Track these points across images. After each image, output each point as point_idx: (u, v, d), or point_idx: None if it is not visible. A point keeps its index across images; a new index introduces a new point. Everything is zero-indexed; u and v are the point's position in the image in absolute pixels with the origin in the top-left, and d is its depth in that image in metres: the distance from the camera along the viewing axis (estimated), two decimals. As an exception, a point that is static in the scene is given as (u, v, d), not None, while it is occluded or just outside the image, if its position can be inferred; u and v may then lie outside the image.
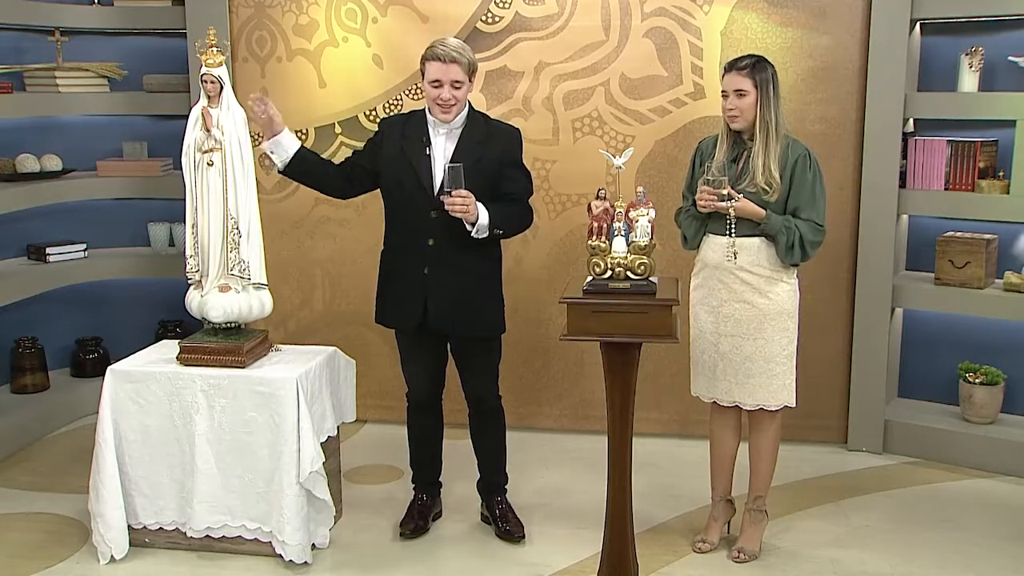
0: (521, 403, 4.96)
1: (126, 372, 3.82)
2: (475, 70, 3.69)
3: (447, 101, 3.61)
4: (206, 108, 3.75)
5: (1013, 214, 4.55)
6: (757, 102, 3.59)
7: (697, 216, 3.71)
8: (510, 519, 3.99)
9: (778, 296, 3.68)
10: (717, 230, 3.68)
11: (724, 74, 3.67)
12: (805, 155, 3.65)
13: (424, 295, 3.72)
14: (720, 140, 3.71)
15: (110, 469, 3.76)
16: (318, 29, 5.09)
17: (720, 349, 3.73)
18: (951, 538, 4.02)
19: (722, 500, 3.94)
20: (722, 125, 3.71)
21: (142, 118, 5.70)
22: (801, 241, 3.60)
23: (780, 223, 3.59)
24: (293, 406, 3.69)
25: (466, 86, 3.65)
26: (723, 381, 3.74)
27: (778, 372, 3.71)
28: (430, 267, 3.71)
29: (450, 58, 3.58)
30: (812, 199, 3.64)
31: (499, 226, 3.65)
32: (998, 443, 4.65)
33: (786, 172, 3.61)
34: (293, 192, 5.21)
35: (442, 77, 3.59)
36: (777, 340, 3.69)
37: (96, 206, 5.62)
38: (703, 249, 3.76)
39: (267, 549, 3.79)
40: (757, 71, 3.60)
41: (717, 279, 3.70)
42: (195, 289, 3.89)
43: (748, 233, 3.63)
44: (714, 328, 3.73)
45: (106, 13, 5.41)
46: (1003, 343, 4.87)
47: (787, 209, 3.64)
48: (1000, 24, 4.68)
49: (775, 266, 3.66)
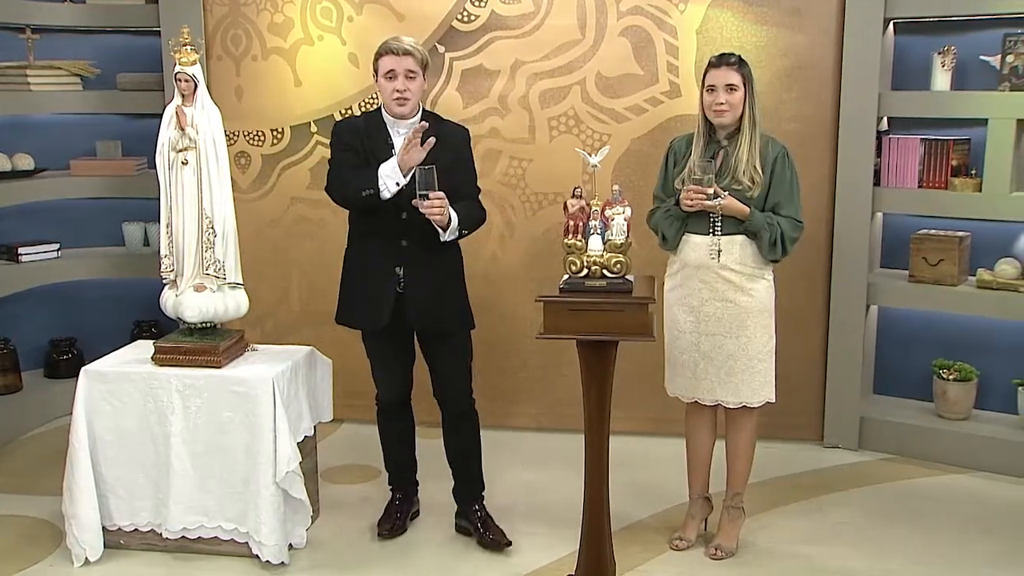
0: (497, 402, 4.96)
1: (100, 373, 3.80)
2: (427, 65, 3.71)
3: (403, 92, 3.61)
4: (180, 107, 3.73)
5: (985, 212, 4.58)
6: (745, 97, 3.60)
7: (679, 216, 3.69)
8: (491, 526, 3.93)
9: (759, 293, 3.69)
10: (698, 229, 3.68)
11: (711, 69, 3.64)
12: (784, 152, 3.68)
13: (398, 295, 3.71)
14: (696, 138, 3.71)
15: (84, 470, 3.73)
16: (293, 27, 5.07)
17: (701, 348, 3.73)
18: (926, 534, 4.05)
19: (700, 498, 3.96)
20: (698, 123, 3.70)
21: (116, 117, 5.66)
22: (782, 237, 3.62)
23: (763, 220, 3.61)
24: (269, 406, 3.67)
25: (420, 78, 3.66)
26: (705, 380, 3.75)
27: (760, 369, 3.73)
28: (405, 267, 3.70)
29: (403, 51, 3.60)
30: (791, 195, 3.67)
31: (465, 227, 3.69)
32: (972, 439, 4.69)
33: (767, 168, 3.63)
34: (269, 191, 5.20)
35: (396, 67, 3.60)
36: (759, 337, 3.71)
37: (69, 205, 5.58)
38: (682, 249, 3.74)
39: (244, 550, 3.78)
40: (744, 66, 3.63)
41: (698, 279, 3.70)
42: (170, 289, 3.86)
43: (731, 231, 3.64)
44: (694, 328, 3.73)
45: (78, 11, 5.37)
46: (976, 340, 4.91)
47: (767, 206, 3.65)
48: (972, 24, 4.71)
49: (757, 263, 3.67)
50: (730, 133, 3.66)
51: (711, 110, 3.63)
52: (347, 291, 3.86)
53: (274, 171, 5.22)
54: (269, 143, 5.20)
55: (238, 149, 5.18)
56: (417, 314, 3.72)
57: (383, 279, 3.72)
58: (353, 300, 3.84)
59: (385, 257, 3.72)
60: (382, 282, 3.72)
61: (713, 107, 3.61)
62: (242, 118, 5.17)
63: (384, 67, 3.63)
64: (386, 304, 3.72)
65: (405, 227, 3.65)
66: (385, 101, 3.70)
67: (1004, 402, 4.85)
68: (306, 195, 5.19)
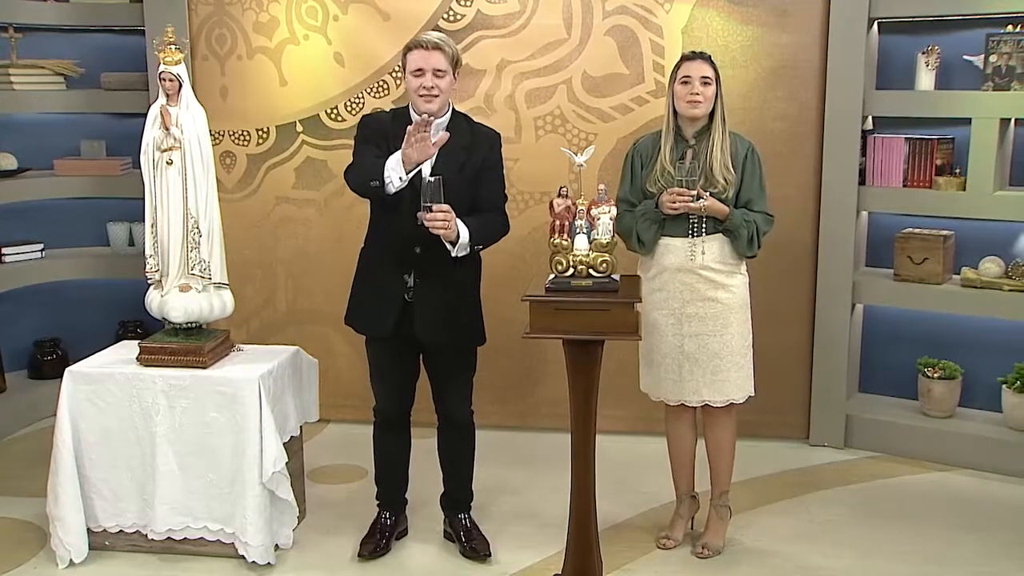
0: (484, 402, 4.91)
1: (85, 373, 3.78)
2: (459, 62, 3.58)
3: (430, 89, 3.47)
4: (165, 106, 3.71)
5: (969, 210, 4.61)
6: (716, 95, 3.61)
7: (656, 219, 3.66)
8: (475, 536, 3.89)
9: (738, 289, 3.71)
10: (675, 232, 3.66)
11: (685, 62, 3.64)
12: (751, 148, 3.70)
13: (407, 304, 3.61)
14: (664, 136, 3.68)
15: (69, 472, 3.71)
16: (279, 27, 5.05)
17: (685, 350, 3.72)
18: (911, 531, 4.07)
19: (687, 496, 3.96)
20: (666, 120, 3.68)
21: (100, 116, 5.63)
22: (757, 232, 3.65)
23: (740, 217, 3.63)
24: (255, 406, 3.66)
25: (449, 76, 3.52)
26: (691, 382, 3.73)
27: (742, 364, 3.74)
28: (416, 276, 3.59)
29: (432, 45, 3.47)
30: (761, 191, 3.70)
31: (479, 242, 3.55)
32: (956, 437, 4.72)
33: (737, 166, 3.64)
34: (254, 191, 5.19)
35: (423, 65, 3.47)
36: (739, 332, 3.72)
37: (53, 205, 5.55)
38: (659, 253, 3.71)
39: (230, 550, 3.77)
40: (715, 65, 3.64)
41: (679, 281, 3.68)
42: (155, 289, 3.85)
43: (709, 231, 3.65)
44: (676, 330, 3.72)
45: (62, 10, 5.34)
46: (960, 338, 4.93)
47: (739, 203, 3.66)
48: (955, 23, 4.73)
49: (733, 259, 3.69)
50: (698, 131, 3.65)
51: (684, 101, 3.60)
52: (355, 292, 3.77)
53: (259, 171, 5.20)
54: (254, 143, 5.18)
55: (223, 149, 5.16)
56: (423, 325, 3.60)
57: (391, 285, 3.61)
58: (360, 303, 3.74)
59: (396, 262, 3.60)
60: (390, 288, 3.62)
61: (687, 97, 3.58)
62: (227, 118, 5.15)
63: (412, 63, 3.49)
64: (392, 311, 3.61)
65: (420, 233, 3.42)
66: (412, 98, 3.54)
67: (988, 400, 4.87)
68: (292, 195, 5.18)
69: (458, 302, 3.66)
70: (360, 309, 3.75)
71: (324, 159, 5.11)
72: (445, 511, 4.01)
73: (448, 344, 3.69)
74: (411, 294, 3.61)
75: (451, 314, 3.63)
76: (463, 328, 3.69)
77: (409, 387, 3.84)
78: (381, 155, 3.48)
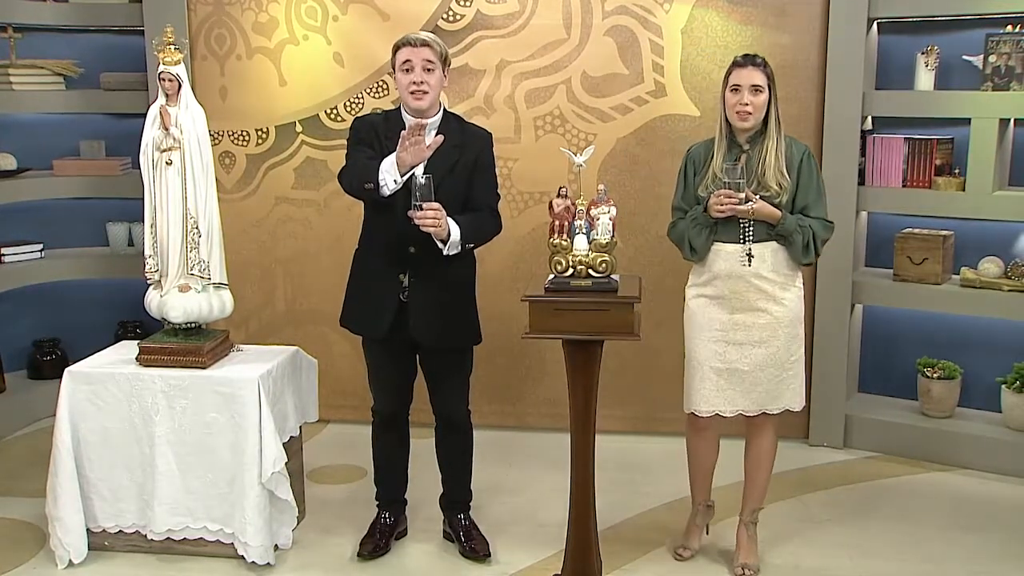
0: (483, 402, 4.94)
1: (84, 374, 3.78)
2: (448, 60, 3.57)
3: (420, 84, 3.47)
4: (164, 107, 3.71)
5: (969, 211, 4.61)
6: (769, 99, 3.49)
7: (707, 224, 3.54)
8: (474, 536, 3.88)
9: (791, 303, 3.58)
10: (728, 238, 3.53)
11: (736, 68, 3.49)
12: (807, 152, 3.58)
13: (402, 304, 3.60)
14: (717, 142, 3.57)
15: (68, 472, 3.71)
16: (278, 27, 5.05)
17: (728, 358, 3.59)
18: (911, 531, 4.07)
19: (703, 506, 3.86)
20: (719, 125, 3.57)
21: (99, 116, 5.63)
22: (814, 238, 3.52)
23: (795, 223, 3.50)
24: (255, 406, 3.66)
25: (438, 72, 3.51)
26: (728, 391, 3.61)
27: (784, 377, 3.62)
28: (410, 275, 3.58)
29: (420, 42, 3.48)
30: (818, 196, 3.57)
31: (470, 240, 3.54)
32: (956, 437, 4.72)
33: (792, 171, 3.53)
34: (253, 191, 5.19)
35: (413, 58, 3.46)
36: (787, 346, 3.60)
37: (53, 206, 5.55)
38: (711, 259, 3.57)
39: (229, 551, 3.77)
40: (768, 68, 3.50)
41: (729, 288, 3.55)
42: (154, 289, 3.84)
43: (762, 237, 3.52)
44: (722, 337, 3.59)
45: (61, 10, 5.34)
46: (960, 338, 4.93)
47: (795, 209, 3.54)
48: (954, 24, 4.74)
49: (789, 269, 3.57)
50: (752, 136, 3.54)
51: (734, 112, 3.47)
52: (350, 294, 3.76)
53: (259, 171, 5.20)
54: (254, 143, 5.18)
55: (222, 149, 5.16)
56: (419, 326, 3.60)
57: (386, 286, 3.61)
58: (355, 304, 3.73)
59: (390, 263, 3.59)
60: (385, 289, 3.61)
61: (737, 108, 3.46)
62: (227, 118, 5.15)
63: (401, 59, 3.49)
64: (387, 312, 3.61)
65: (414, 233, 3.42)
66: (402, 96, 3.52)
67: (988, 400, 4.87)
68: (291, 195, 5.18)
69: (453, 302, 3.66)
70: (355, 310, 3.74)
71: (323, 159, 5.11)
72: (444, 511, 4.00)
73: (443, 344, 3.69)
74: (406, 294, 3.60)
75: (446, 314, 3.63)
76: (458, 328, 3.69)
77: (406, 387, 3.83)
78: (374, 156, 3.49)
